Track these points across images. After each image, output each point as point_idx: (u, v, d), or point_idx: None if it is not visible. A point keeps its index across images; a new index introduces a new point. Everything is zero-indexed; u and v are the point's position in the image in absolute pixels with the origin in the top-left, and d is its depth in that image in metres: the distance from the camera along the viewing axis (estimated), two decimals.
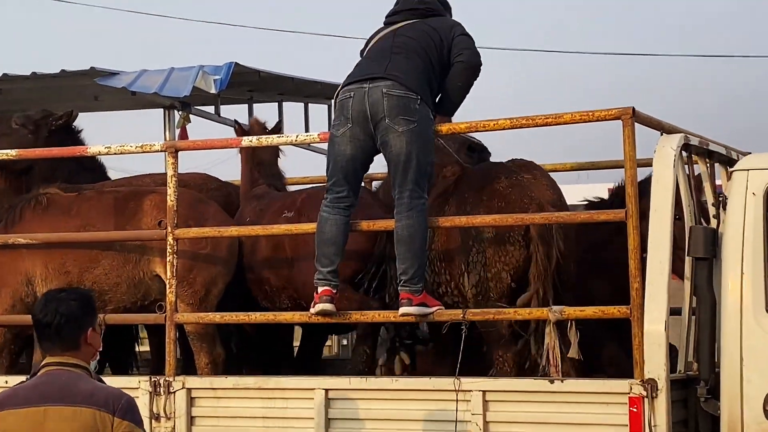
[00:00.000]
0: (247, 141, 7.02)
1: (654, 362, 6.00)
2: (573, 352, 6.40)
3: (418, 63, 6.71)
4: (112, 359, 8.78)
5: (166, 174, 7.16)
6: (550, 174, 7.33)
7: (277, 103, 12.90)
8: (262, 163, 8.28)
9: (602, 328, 6.95)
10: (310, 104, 13.59)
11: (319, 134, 6.89)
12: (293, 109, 13.74)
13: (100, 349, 4.72)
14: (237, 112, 12.81)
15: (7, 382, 6.77)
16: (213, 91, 10.44)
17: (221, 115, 11.93)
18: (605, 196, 7.82)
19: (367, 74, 6.67)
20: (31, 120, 8.56)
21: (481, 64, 6.88)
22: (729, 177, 6.70)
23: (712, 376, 6.19)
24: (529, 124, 6.44)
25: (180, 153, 7.08)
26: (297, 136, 6.99)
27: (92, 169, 8.77)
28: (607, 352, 7.26)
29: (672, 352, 6.22)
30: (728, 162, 7.07)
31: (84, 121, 9.12)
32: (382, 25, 7.05)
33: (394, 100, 6.54)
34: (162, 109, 11.29)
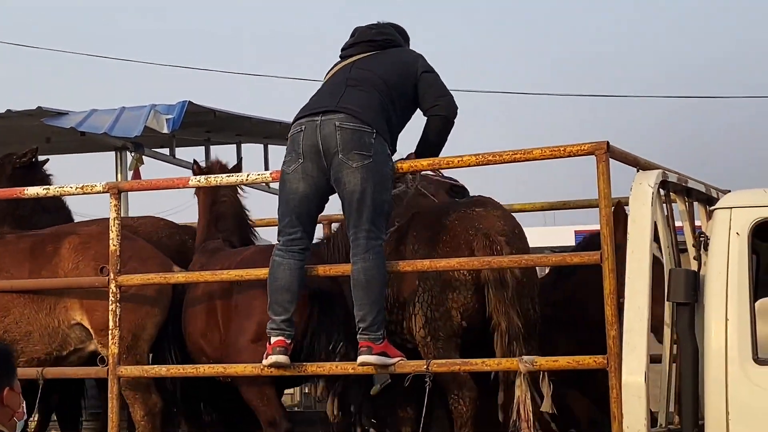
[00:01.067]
0: (194, 181, 6.56)
1: (633, 417, 5.58)
2: (546, 406, 5.96)
3: (374, 96, 6.28)
4: (60, 414, 8.24)
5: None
6: (519, 214, 6.92)
7: (235, 145, 12.57)
8: (220, 215, 7.68)
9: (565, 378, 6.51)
10: (270, 145, 13.26)
11: (271, 173, 6.43)
12: (253, 151, 13.40)
13: (20, 410, 4.22)
14: (193, 153, 12.48)
15: None
16: (165, 130, 10.06)
17: (177, 156, 11.57)
18: (572, 238, 7.43)
19: (319, 107, 6.24)
20: None
21: (457, 112, 6.51)
22: (709, 216, 6.31)
23: (696, 431, 5.75)
24: (497, 161, 6.03)
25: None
26: (248, 175, 6.53)
27: (52, 210, 8.24)
28: (573, 404, 6.81)
29: None
30: (707, 200, 6.68)
31: None
32: (339, 59, 6.63)
33: (347, 134, 6.11)
34: (114, 151, 10.89)
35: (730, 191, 6.74)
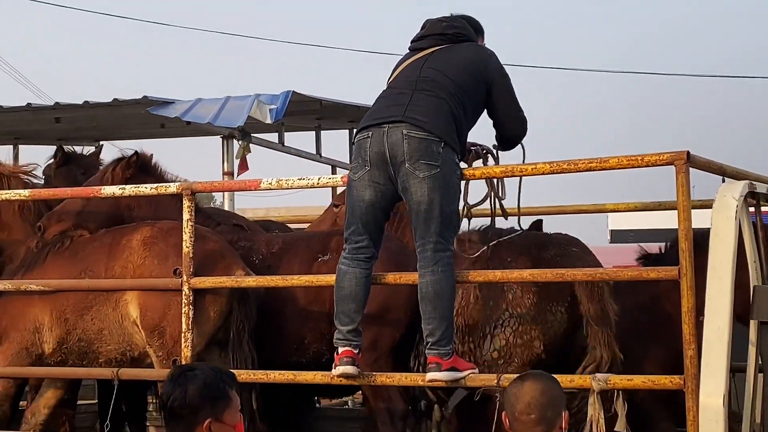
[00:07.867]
0: (266, 183, 6.42)
1: None
2: (620, 426, 5.68)
3: (443, 102, 6.02)
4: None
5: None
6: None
7: (347, 131, 12.33)
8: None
9: (652, 398, 6.22)
10: None
11: (342, 177, 6.26)
12: None
13: None
14: (303, 140, 12.29)
15: None
16: (268, 121, 9.94)
17: (285, 143, 11.44)
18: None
19: (386, 116, 6.02)
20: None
21: (527, 130, 6.37)
22: None
23: None
24: (571, 169, 5.75)
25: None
26: (319, 179, 6.36)
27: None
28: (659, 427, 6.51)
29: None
30: None
31: (150, 149, 8.35)
32: (408, 51, 6.38)
33: (414, 143, 5.90)
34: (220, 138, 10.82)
35: None
